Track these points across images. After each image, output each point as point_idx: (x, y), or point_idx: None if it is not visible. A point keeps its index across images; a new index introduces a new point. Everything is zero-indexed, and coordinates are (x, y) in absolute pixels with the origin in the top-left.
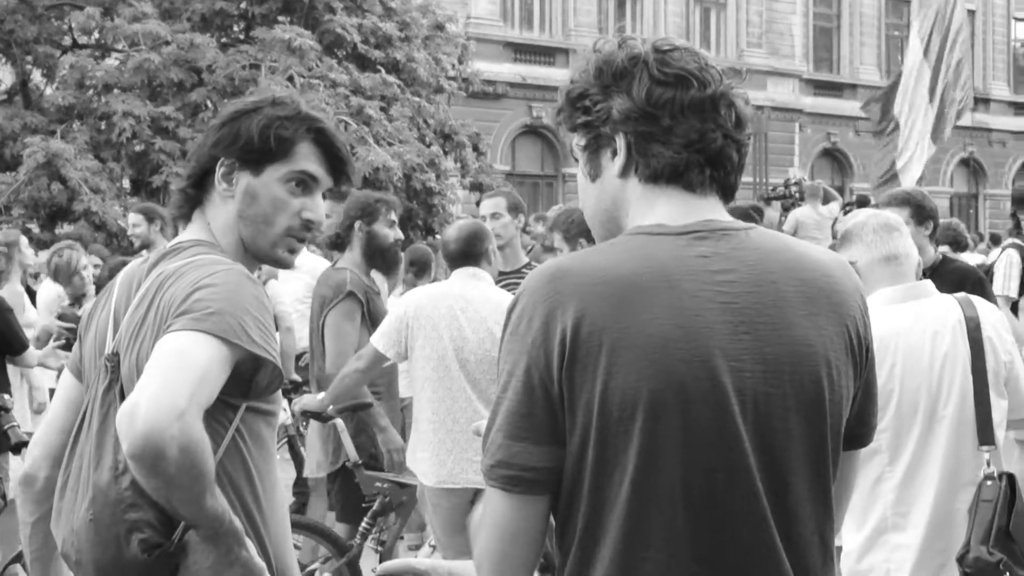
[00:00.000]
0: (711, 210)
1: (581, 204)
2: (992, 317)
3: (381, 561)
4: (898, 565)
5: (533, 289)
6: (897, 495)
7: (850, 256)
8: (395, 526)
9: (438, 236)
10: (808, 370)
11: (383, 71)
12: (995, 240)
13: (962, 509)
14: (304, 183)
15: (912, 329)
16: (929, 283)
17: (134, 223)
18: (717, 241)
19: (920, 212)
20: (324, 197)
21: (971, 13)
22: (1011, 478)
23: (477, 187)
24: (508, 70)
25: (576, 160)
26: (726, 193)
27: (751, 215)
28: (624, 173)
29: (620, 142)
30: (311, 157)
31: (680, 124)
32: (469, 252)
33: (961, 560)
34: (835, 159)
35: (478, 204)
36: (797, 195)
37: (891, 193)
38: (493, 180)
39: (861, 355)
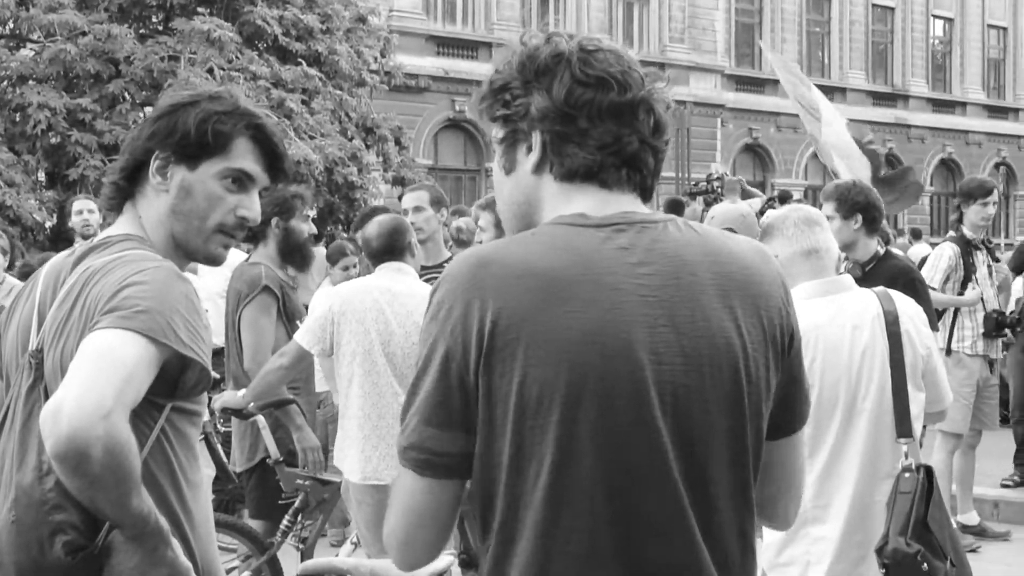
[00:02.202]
0: (629, 204)
1: (496, 195)
2: (910, 310)
3: (303, 559)
4: (818, 557)
5: (454, 276)
6: (817, 488)
7: (771, 250)
8: (317, 523)
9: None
10: (727, 362)
11: (304, 64)
12: (915, 235)
13: (880, 501)
14: (240, 180)
15: (832, 323)
16: (848, 277)
17: (88, 209)
18: (637, 233)
19: (845, 205)
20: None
21: (890, 10)
22: (928, 470)
23: (399, 181)
24: (431, 64)
25: (494, 148)
26: (644, 194)
27: (677, 206)
28: (538, 170)
29: (536, 139)
30: (248, 154)
31: (596, 127)
32: (392, 247)
33: (880, 551)
34: (756, 154)
35: (400, 198)
36: (719, 190)
37: (826, 187)
38: (415, 174)
39: (783, 344)
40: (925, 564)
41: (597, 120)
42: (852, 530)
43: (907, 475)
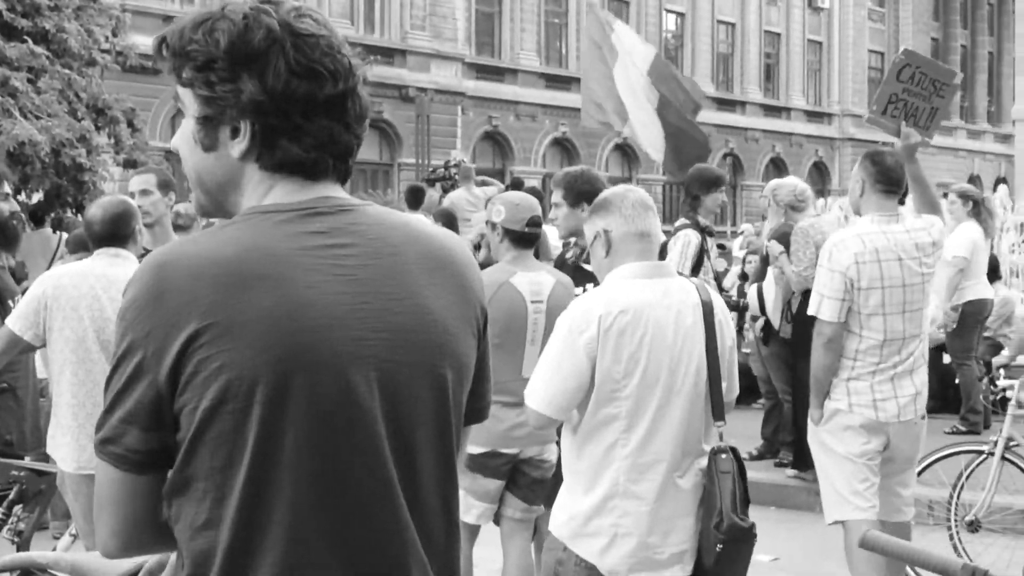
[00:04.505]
0: (328, 189)
1: (184, 162)
2: (720, 303)
3: (18, 551)
4: (626, 530)
5: (142, 277)
6: (632, 462)
7: (605, 224)
8: (34, 515)
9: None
10: (432, 339)
11: (30, 41)
12: None
13: (688, 479)
14: None
15: (660, 304)
16: (671, 264)
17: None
18: (335, 216)
19: (572, 193)
20: None
21: (625, 3)
22: (735, 451)
23: (131, 164)
24: None
25: (179, 105)
26: (343, 178)
27: (417, 193)
28: (245, 157)
29: (246, 128)
30: None
31: (311, 123)
32: (116, 233)
33: (718, 527)
34: (496, 142)
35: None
36: (457, 177)
37: (555, 175)
38: (149, 157)
39: (480, 327)
40: (755, 536)
41: (312, 115)
42: (660, 505)
43: (723, 456)
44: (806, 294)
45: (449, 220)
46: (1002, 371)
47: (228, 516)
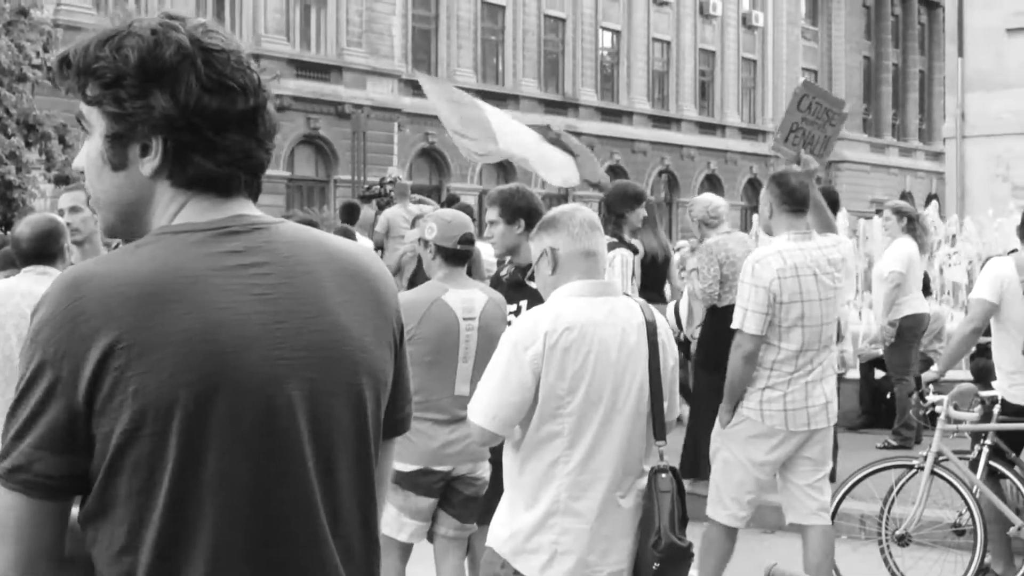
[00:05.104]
0: (240, 207)
1: (90, 183)
2: (663, 323)
3: None
4: (566, 547)
5: (55, 296)
6: (573, 479)
7: (552, 242)
8: None
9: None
10: (348, 356)
11: None
12: None
13: (629, 498)
14: None
15: (605, 322)
16: (616, 283)
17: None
18: (248, 235)
19: (509, 210)
20: None
21: (562, 21)
22: (675, 470)
23: (63, 180)
24: None
25: (84, 125)
26: (255, 195)
27: (352, 210)
28: (156, 175)
29: (157, 145)
30: None
31: (224, 139)
32: (43, 251)
33: (656, 546)
34: (433, 158)
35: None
36: (393, 193)
37: (490, 192)
38: (80, 174)
39: (396, 341)
40: (693, 555)
41: (224, 131)
42: (601, 523)
43: (663, 475)
44: (711, 310)
45: (347, 236)
46: (931, 387)
47: (148, 539)
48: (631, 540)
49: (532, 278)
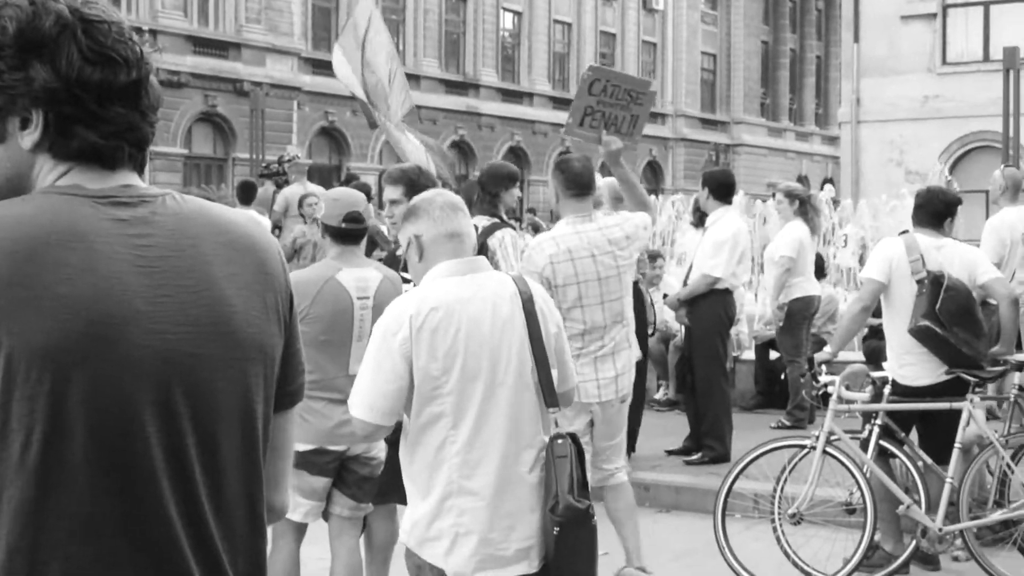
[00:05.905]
0: (126, 178)
1: None
2: (541, 291)
3: None
4: (467, 528)
5: None
6: (462, 459)
7: (416, 230)
8: None
9: None
10: (233, 331)
11: None
12: None
13: (525, 470)
14: None
15: (474, 298)
16: (484, 259)
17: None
18: (135, 207)
19: (415, 189)
20: None
21: (463, 1)
22: (574, 436)
23: None
24: None
25: None
26: (140, 168)
27: (249, 189)
28: (37, 148)
29: (38, 118)
30: None
31: (107, 111)
32: None
33: (553, 510)
34: (333, 137)
35: None
36: (291, 172)
37: (390, 171)
38: None
39: (285, 312)
40: (594, 519)
41: (107, 103)
42: (500, 499)
43: (560, 441)
44: None
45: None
46: (824, 367)
47: (11, 507)
48: (539, 515)
49: (406, 268)
